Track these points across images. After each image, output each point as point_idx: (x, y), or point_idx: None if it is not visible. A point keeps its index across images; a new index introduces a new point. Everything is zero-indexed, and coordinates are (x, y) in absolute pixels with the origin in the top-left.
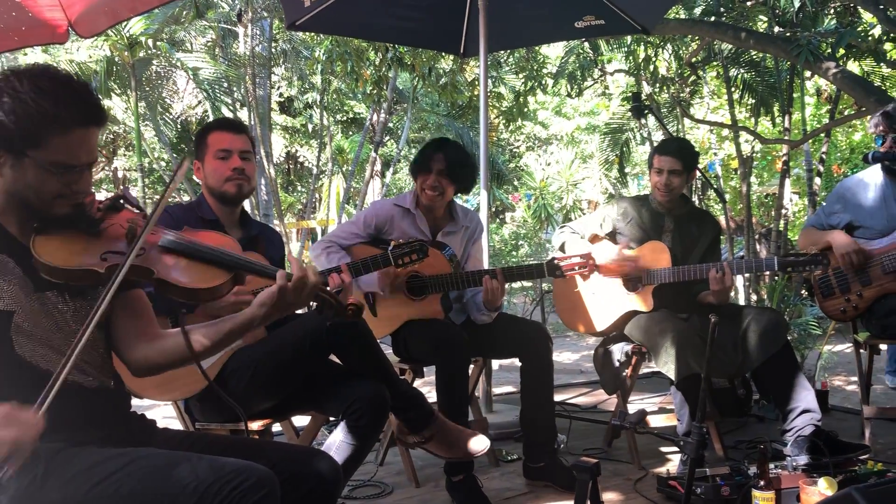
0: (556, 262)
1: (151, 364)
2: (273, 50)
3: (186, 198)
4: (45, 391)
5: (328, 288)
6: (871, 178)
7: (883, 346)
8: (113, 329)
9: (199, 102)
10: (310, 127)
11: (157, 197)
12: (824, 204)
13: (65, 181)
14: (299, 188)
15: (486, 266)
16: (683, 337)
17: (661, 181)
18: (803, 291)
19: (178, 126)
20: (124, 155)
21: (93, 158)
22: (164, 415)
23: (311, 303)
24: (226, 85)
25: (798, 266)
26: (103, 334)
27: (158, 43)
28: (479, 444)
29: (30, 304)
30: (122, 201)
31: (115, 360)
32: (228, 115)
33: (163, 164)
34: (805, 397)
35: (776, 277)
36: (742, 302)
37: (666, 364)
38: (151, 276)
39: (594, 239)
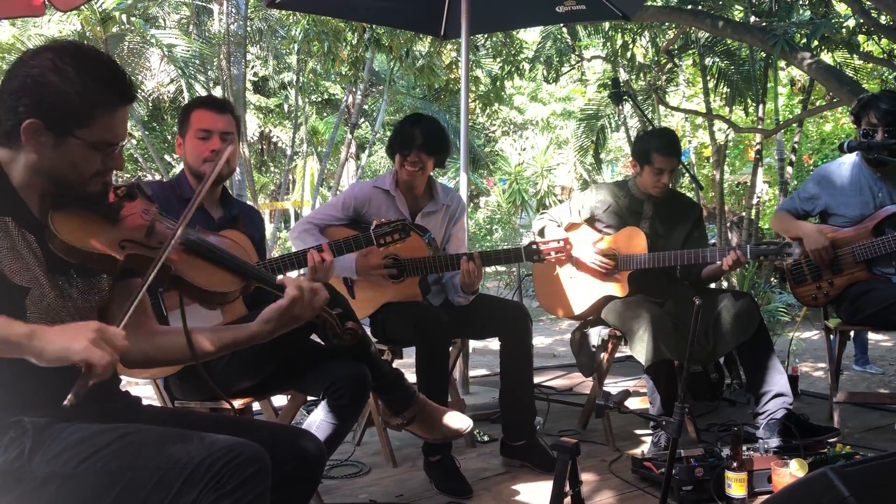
0: (534, 246)
1: (147, 358)
2: (248, 28)
3: (158, 177)
4: (125, 311)
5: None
6: (848, 165)
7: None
8: (110, 318)
9: (172, 80)
10: (284, 107)
11: (136, 179)
12: (800, 188)
13: (105, 158)
14: (272, 169)
15: (466, 246)
16: (656, 322)
17: (663, 181)
18: (773, 279)
19: (150, 104)
20: None
21: (126, 135)
22: (140, 394)
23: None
24: (199, 63)
25: (769, 255)
26: (98, 319)
27: (132, 18)
28: (461, 422)
29: (46, 283)
30: (136, 191)
31: None
32: (202, 93)
33: (133, 141)
34: (778, 381)
35: (747, 265)
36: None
37: (639, 349)
38: (169, 271)
39: (571, 227)
